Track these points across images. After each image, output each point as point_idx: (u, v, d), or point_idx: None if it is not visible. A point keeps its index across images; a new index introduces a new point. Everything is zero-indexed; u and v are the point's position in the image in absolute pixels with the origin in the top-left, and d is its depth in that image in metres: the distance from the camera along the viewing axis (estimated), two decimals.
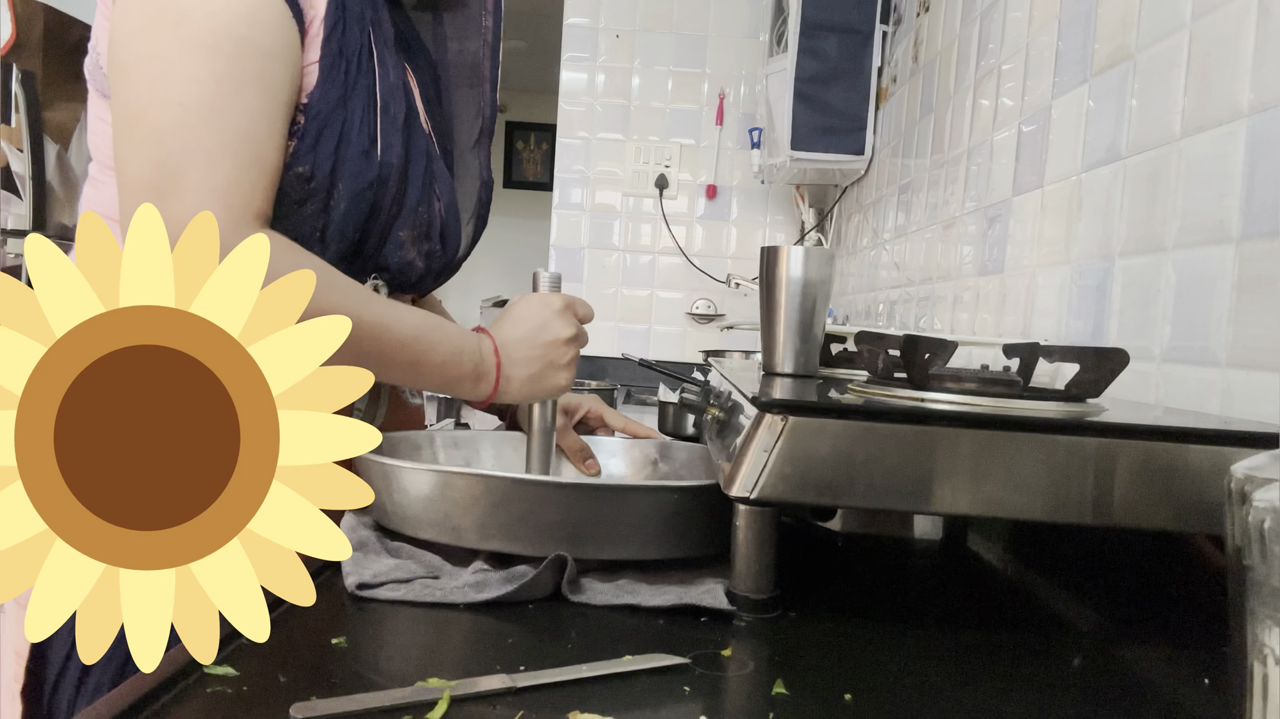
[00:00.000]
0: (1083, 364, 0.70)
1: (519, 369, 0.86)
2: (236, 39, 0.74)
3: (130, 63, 0.74)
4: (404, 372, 0.82)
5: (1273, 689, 0.37)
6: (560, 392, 0.89)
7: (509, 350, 0.86)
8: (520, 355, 0.86)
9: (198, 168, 0.72)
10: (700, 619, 0.62)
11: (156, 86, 0.73)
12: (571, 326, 0.88)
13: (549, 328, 0.87)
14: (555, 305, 0.88)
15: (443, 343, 0.83)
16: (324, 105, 0.80)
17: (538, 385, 0.87)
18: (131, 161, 0.74)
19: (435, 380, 0.84)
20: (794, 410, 0.59)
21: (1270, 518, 0.36)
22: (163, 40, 0.73)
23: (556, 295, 0.89)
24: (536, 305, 0.88)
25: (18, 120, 2.28)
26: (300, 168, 0.80)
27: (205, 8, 0.74)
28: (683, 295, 2.90)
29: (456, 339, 0.84)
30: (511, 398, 0.88)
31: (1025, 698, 0.53)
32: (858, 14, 2.18)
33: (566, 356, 0.88)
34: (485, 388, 0.86)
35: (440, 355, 0.83)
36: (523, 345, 0.87)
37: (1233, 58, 0.76)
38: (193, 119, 0.73)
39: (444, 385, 0.85)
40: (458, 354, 0.84)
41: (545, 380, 0.87)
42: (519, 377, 0.86)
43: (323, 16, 0.80)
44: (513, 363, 0.86)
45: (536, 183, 6.28)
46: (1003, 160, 1.30)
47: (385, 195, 0.85)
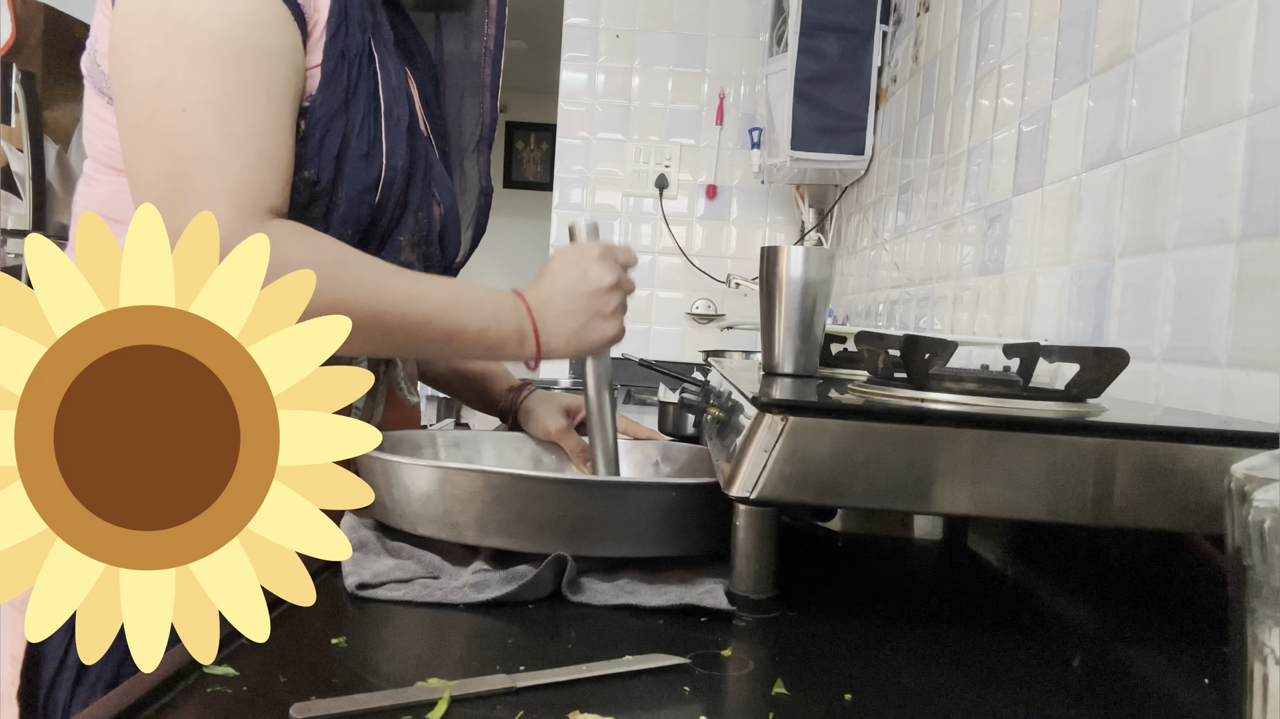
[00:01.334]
0: (1083, 364, 0.70)
1: (562, 323, 0.83)
2: (238, 42, 0.74)
3: (134, 68, 0.74)
4: (442, 344, 0.80)
5: (1273, 689, 0.37)
6: (610, 342, 0.86)
7: (549, 305, 0.83)
8: (561, 309, 0.83)
9: (206, 172, 0.73)
10: (700, 619, 0.62)
11: (160, 93, 0.73)
12: (612, 273, 0.84)
13: (589, 277, 0.84)
14: (593, 253, 0.84)
15: (476, 310, 0.80)
16: (326, 109, 0.80)
17: (583, 339, 0.84)
18: (141, 169, 0.74)
19: (476, 349, 0.82)
20: (794, 410, 0.59)
21: (1270, 518, 0.36)
22: (165, 46, 0.73)
23: (594, 243, 0.86)
24: (574, 256, 0.85)
25: (18, 120, 2.28)
26: (307, 172, 0.80)
27: (204, 11, 0.74)
28: (683, 295, 2.90)
29: (490, 304, 0.82)
30: (559, 353, 0.84)
31: (1025, 698, 0.53)
32: (858, 14, 2.18)
33: (611, 304, 0.84)
34: (530, 348, 0.83)
35: (476, 323, 0.80)
36: (563, 298, 0.83)
37: (1233, 58, 0.76)
38: (197, 124, 0.73)
39: (488, 352, 0.82)
40: (494, 319, 0.81)
41: (591, 333, 0.84)
42: (562, 331, 0.83)
43: (325, 20, 0.80)
44: (554, 317, 0.83)
45: (536, 183, 6.28)
46: (1003, 160, 1.30)
47: (389, 199, 0.85)
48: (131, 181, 0.75)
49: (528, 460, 1.01)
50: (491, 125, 1.03)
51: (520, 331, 0.82)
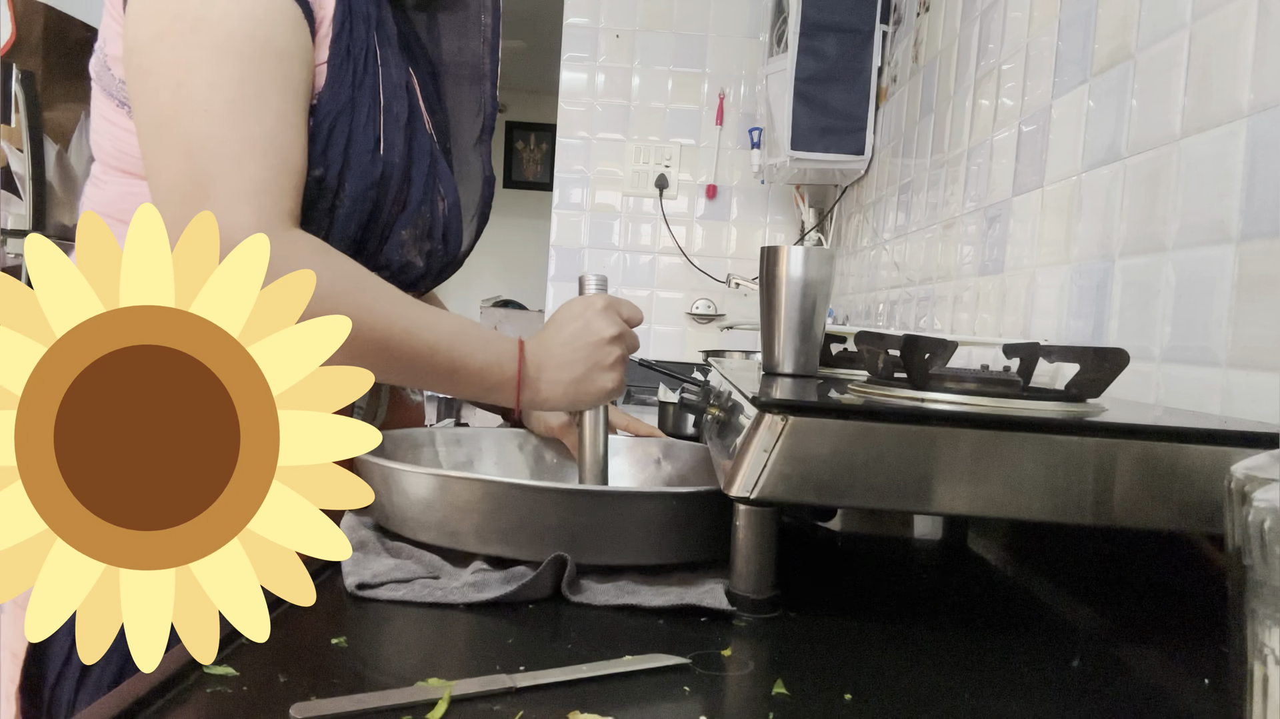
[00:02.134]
0: (1083, 364, 0.70)
1: (561, 373, 0.85)
2: (255, 41, 0.74)
3: (153, 70, 0.74)
4: (443, 378, 0.82)
5: (1273, 689, 0.37)
6: (608, 395, 0.87)
7: (550, 354, 0.85)
8: (561, 359, 0.85)
9: (226, 172, 0.73)
10: (700, 619, 0.62)
11: (180, 94, 0.73)
12: (614, 326, 0.86)
13: (590, 328, 0.85)
14: (597, 305, 0.86)
15: (481, 349, 0.82)
16: (333, 105, 0.81)
17: (582, 389, 0.85)
18: (162, 170, 0.74)
19: (475, 388, 0.83)
20: (794, 410, 0.59)
21: (1270, 518, 0.36)
22: (183, 46, 0.73)
23: (599, 296, 0.88)
24: (579, 307, 0.87)
25: (18, 120, 2.28)
26: (315, 171, 0.80)
27: (221, 11, 0.74)
28: (683, 295, 2.90)
29: (495, 346, 0.83)
30: (558, 403, 0.86)
31: (1025, 698, 0.53)
32: (858, 14, 2.18)
33: (611, 357, 0.86)
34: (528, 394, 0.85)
35: (479, 362, 0.82)
36: (564, 349, 0.85)
37: (1233, 58, 0.76)
38: (217, 124, 0.73)
39: (484, 393, 0.84)
40: (497, 360, 0.83)
41: (590, 383, 0.85)
42: (561, 380, 0.85)
43: (331, 17, 0.81)
44: (554, 367, 0.84)
45: (536, 183, 6.28)
46: (1003, 160, 1.30)
47: (387, 194, 0.85)
48: (151, 183, 0.75)
49: (529, 457, 1.01)
50: (492, 116, 1.03)
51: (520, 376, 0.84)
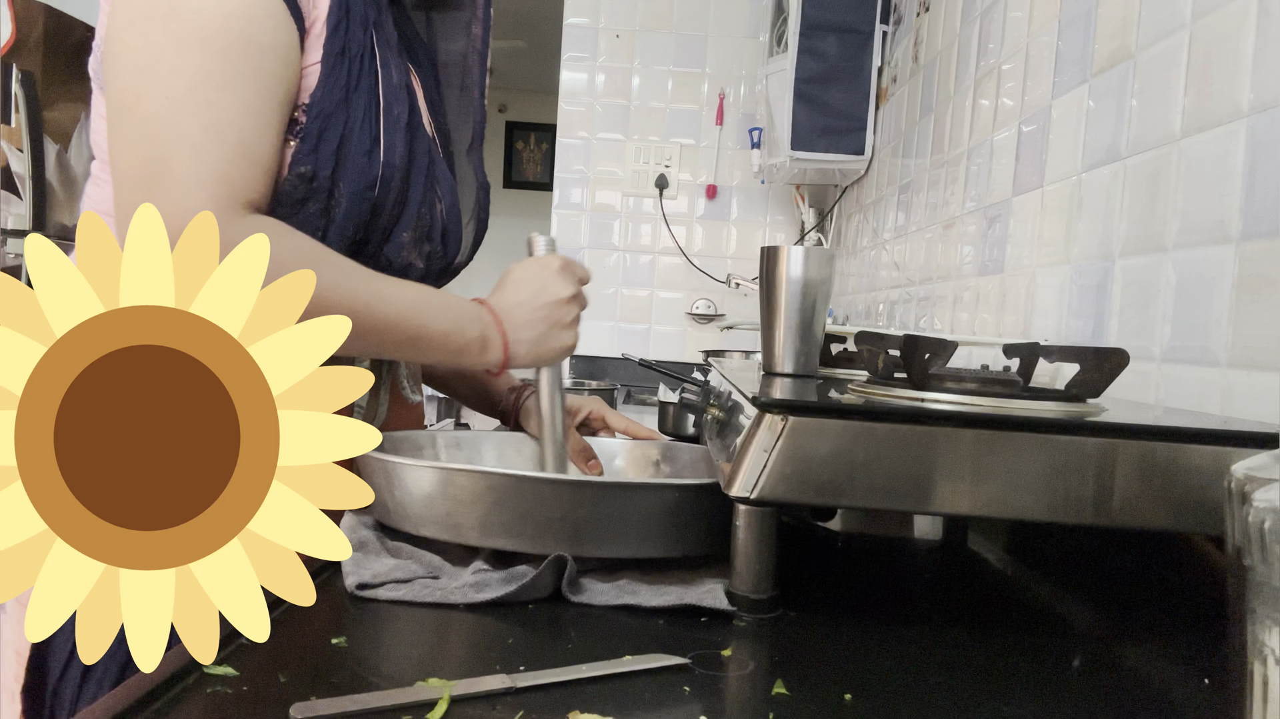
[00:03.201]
0: (1083, 364, 0.70)
1: (523, 332, 0.87)
2: (228, 34, 0.74)
3: (122, 56, 0.75)
4: (407, 347, 0.83)
5: (1273, 689, 0.37)
6: (567, 352, 0.90)
7: (511, 315, 0.87)
8: (522, 318, 0.87)
9: (184, 160, 0.73)
10: (700, 619, 0.62)
11: (144, 79, 0.73)
12: (571, 285, 0.89)
13: (548, 288, 0.88)
14: (553, 265, 0.89)
15: (442, 314, 0.83)
16: (326, 105, 0.80)
17: (544, 347, 0.88)
18: (122, 155, 0.75)
19: (440, 352, 0.84)
20: (794, 410, 0.59)
21: (1270, 518, 0.36)
22: (153, 34, 0.74)
23: (554, 256, 0.90)
24: (534, 268, 0.89)
25: (18, 120, 2.29)
26: (302, 168, 0.80)
27: (195, 2, 0.74)
28: (683, 295, 2.90)
29: (455, 309, 0.84)
30: (520, 362, 0.88)
31: (1025, 698, 0.53)
32: (858, 14, 2.18)
33: (569, 315, 0.89)
34: (494, 355, 0.86)
35: (442, 326, 0.83)
36: (524, 309, 0.87)
37: (1233, 58, 0.76)
38: (179, 112, 0.73)
39: (450, 357, 0.85)
40: (458, 324, 0.84)
41: (550, 341, 0.88)
42: (524, 339, 0.87)
43: (325, 16, 0.81)
44: (516, 326, 0.87)
45: (536, 183, 6.28)
46: (1003, 160, 1.30)
47: (388, 196, 0.85)
48: (113, 169, 0.76)
49: (528, 460, 1.01)
50: (481, 123, 1.04)
51: (483, 338, 0.85)
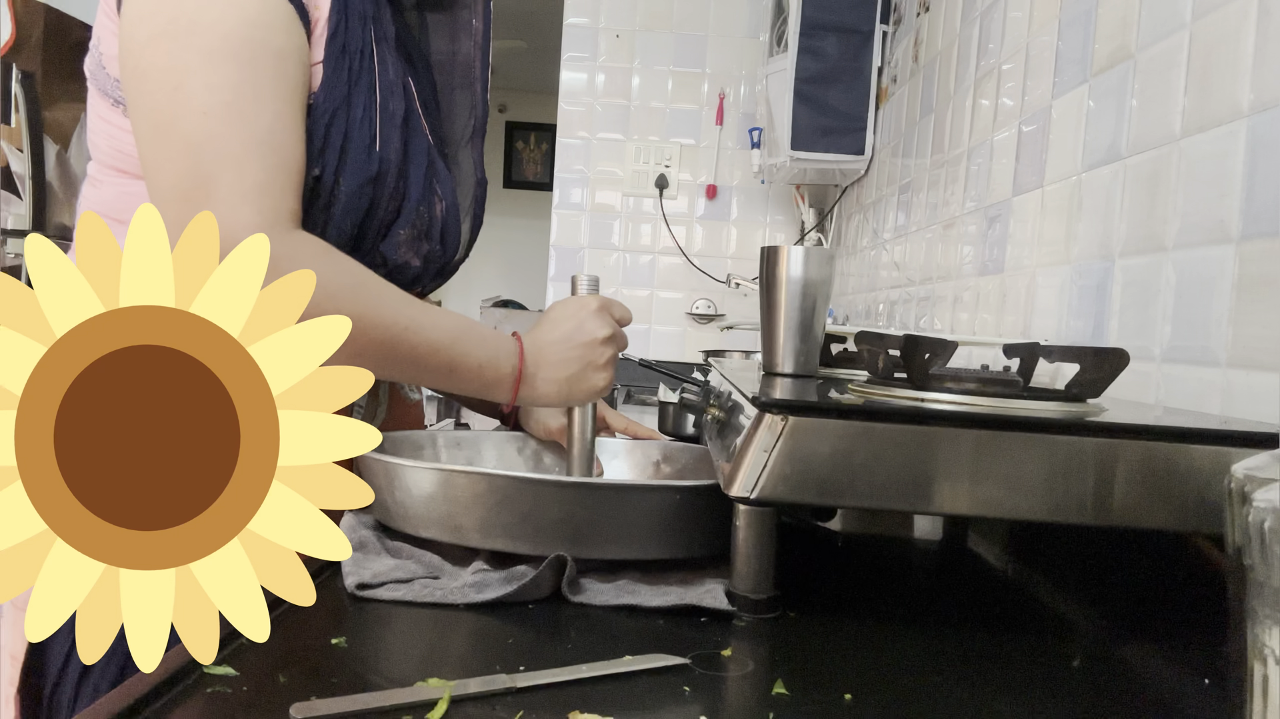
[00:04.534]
0: (1083, 364, 0.70)
1: (555, 371, 0.86)
2: (251, 43, 0.75)
3: (149, 72, 0.74)
4: (442, 376, 0.83)
5: (1273, 689, 0.37)
6: (600, 393, 0.89)
7: (545, 353, 0.86)
8: (557, 357, 0.87)
9: (228, 173, 0.73)
10: (700, 619, 0.62)
11: (178, 96, 0.73)
12: (607, 327, 0.88)
13: (584, 328, 0.87)
14: (591, 306, 0.88)
15: (479, 346, 0.84)
16: (329, 104, 0.81)
17: (576, 387, 0.87)
18: (162, 172, 0.74)
19: (474, 384, 0.85)
20: (794, 410, 0.59)
21: (1270, 518, 0.36)
22: (180, 49, 0.74)
23: (593, 297, 0.90)
24: (574, 308, 0.89)
25: (18, 120, 2.28)
26: (313, 170, 0.80)
27: (217, 13, 0.74)
28: (683, 295, 2.90)
29: (492, 343, 0.85)
30: (550, 400, 0.88)
31: (1025, 698, 0.53)
32: (858, 14, 2.18)
33: (604, 357, 0.88)
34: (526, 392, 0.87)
35: (478, 359, 0.83)
36: (559, 347, 0.87)
37: (1233, 58, 0.76)
38: (217, 126, 0.73)
39: (482, 389, 0.85)
40: (494, 357, 0.84)
41: (583, 382, 0.87)
42: (556, 378, 0.87)
43: (326, 16, 0.81)
44: (548, 365, 0.86)
45: (536, 183, 6.28)
46: (1003, 160, 1.30)
47: (383, 192, 0.85)
48: (150, 184, 0.76)
49: (529, 460, 1.01)
50: (483, 116, 1.04)
51: (514, 374, 0.85)
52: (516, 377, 0.85)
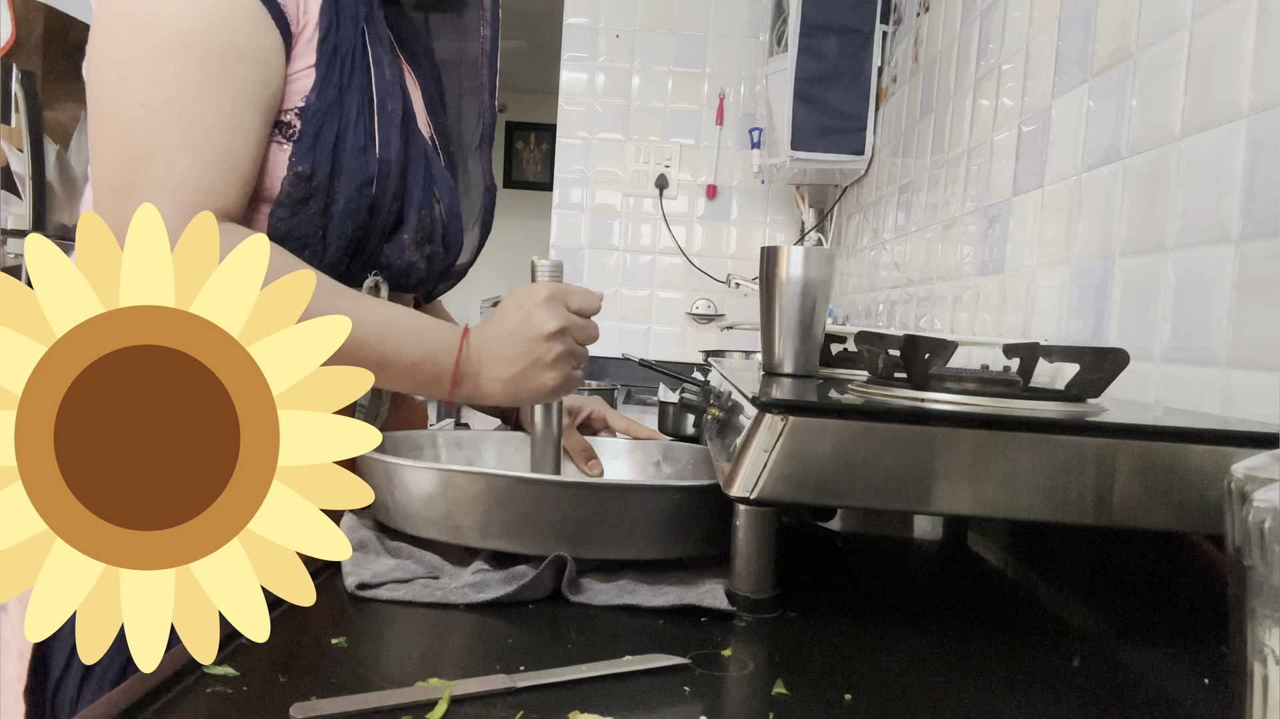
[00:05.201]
0: (1083, 364, 0.70)
1: (500, 368, 0.80)
2: (205, 40, 0.74)
3: (100, 62, 0.75)
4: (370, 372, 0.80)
5: (1273, 689, 0.37)
6: (549, 393, 0.82)
7: (489, 348, 0.80)
8: (500, 353, 0.79)
9: (155, 168, 0.73)
10: (700, 619, 0.62)
11: (121, 87, 0.74)
12: (556, 319, 0.79)
13: (530, 321, 0.79)
14: (539, 296, 0.80)
15: (413, 342, 0.78)
16: (321, 105, 0.81)
17: (521, 386, 0.80)
18: (98, 160, 0.75)
19: (408, 382, 0.80)
20: (794, 410, 0.59)
21: (1270, 518, 0.36)
22: (131, 41, 0.74)
23: (543, 285, 0.81)
24: (521, 298, 0.81)
25: (18, 120, 2.28)
26: (300, 167, 0.80)
27: (174, 9, 0.74)
28: (683, 295, 2.90)
29: (431, 339, 0.79)
30: (497, 399, 0.81)
31: (1025, 698, 0.53)
32: (858, 14, 2.18)
33: (552, 353, 0.79)
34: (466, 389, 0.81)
35: (411, 355, 0.78)
36: (502, 342, 0.80)
37: (1233, 58, 0.76)
38: (154, 119, 0.73)
39: (420, 387, 0.80)
40: (431, 353, 0.79)
41: (531, 380, 0.80)
42: (500, 376, 0.80)
43: (316, 20, 0.81)
44: (492, 361, 0.80)
45: (536, 183, 6.28)
46: (1003, 160, 1.30)
47: (385, 193, 0.85)
48: (92, 174, 0.77)
49: (528, 460, 1.01)
50: (491, 125, 1.03)
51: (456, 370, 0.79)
52: (453, 374, 0.79)
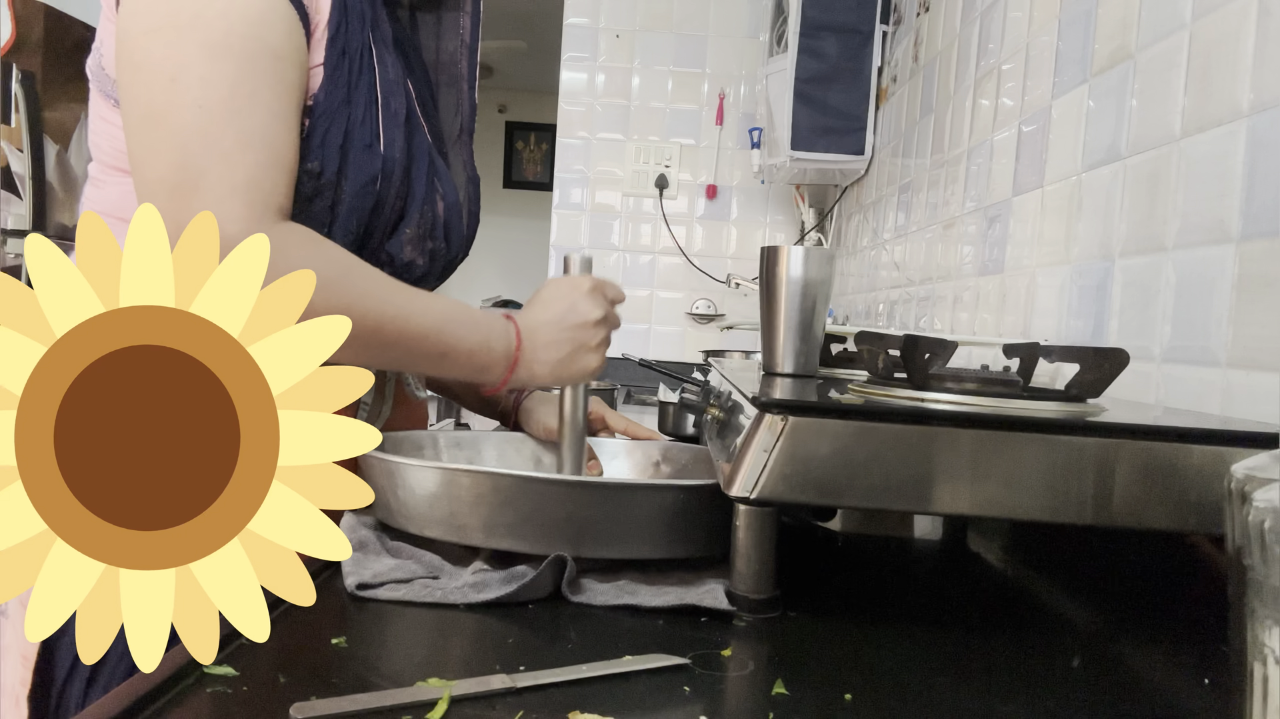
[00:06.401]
0: (1083, 364, 0.70)
1: (548, 353, 0.86)
2: (250, 41, 0.75)
3: (144, 64, 0.75)
4: (434, 361, 0.82)
5: (1273, 689, 0.37)
6: (592, 374, 0.88)
7: (536, 334, 0.86)
8: (548, 339, 0.86)
9: (218, 167, 0.73)
10: (700, 619, 0.62)
11: (174, 89, 0.73)
12: (600, 308, 0.87)
13: (577, 309, 0.86)
14: (584, 287, 0.87)
15: (470, 331, 0.83)
16: (329, 104, 0.81)
17: (567, 368, 0.87)
18: (151, 163, 0.74)
19: (466, 369, 0.84)
20: (794, 410, 0.59)
21: (1270, 518, 0.36)
22: (179, 42, 0.74)
23: (585, 277, 0.89)
24: (566, 288, 0.88)
25: (18, 120, 2.28)
26: (310, 164, 0.80)
27: (218, 10, 0.74)
28: (683, 295, 2.90)
29: (484, 326, 0.84)
30: (542, 381, 0.87)
31: (1025, 698, 0.53)
32: (858, 14, 2.18)
33: (596, 338, 0.87)
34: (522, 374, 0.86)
35: (469, 343, 0.83)
36: (551, 328, 0.86)
37: (1233, 58, 0.76)
38: (211, 120, 0.73)
39: (475, 373, 0.85)
40: (486, 341, 0.83)
41: (575, 363, 0.87)
42: (548, 360, 0.86)
43: (326, 19, 0.81)
44: (541, 346, 0.85)
45: (536, 183, 6.28)
46: (1003, 160, 1.30)
47: (389, 190, 0.86)
48: (137, 176, 0.76)
49: (528, 460, 1.01)
50: (470, 116, 1.04)
51: (508, 356, 0.84)
52: (512, 360, 0.84)
